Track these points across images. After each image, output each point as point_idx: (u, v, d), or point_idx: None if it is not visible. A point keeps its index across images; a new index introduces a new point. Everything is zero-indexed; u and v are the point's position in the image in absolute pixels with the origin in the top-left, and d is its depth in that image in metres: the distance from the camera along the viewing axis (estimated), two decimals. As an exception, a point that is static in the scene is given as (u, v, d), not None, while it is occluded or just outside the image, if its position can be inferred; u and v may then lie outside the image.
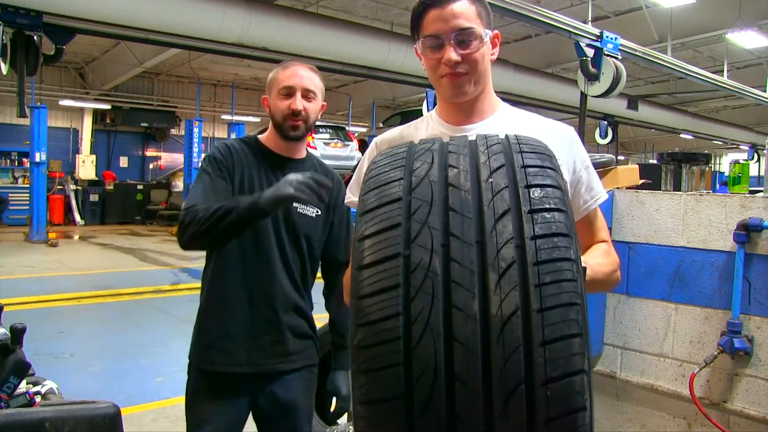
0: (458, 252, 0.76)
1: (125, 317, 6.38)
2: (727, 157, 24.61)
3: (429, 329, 0.73)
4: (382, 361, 0.74)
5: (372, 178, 0.86)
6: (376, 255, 0.78)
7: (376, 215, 0.81)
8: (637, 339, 2.74)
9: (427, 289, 0.74)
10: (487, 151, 0.85)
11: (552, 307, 0.73)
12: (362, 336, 0.76)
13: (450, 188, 0.81)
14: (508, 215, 0.78)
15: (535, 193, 0.80)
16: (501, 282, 0.74)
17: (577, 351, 0.73)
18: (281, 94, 1.80)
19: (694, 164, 10.34)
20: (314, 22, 8.99)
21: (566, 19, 7.08)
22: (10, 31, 6.19)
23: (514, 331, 0.72)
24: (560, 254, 0.76)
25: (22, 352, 1.54)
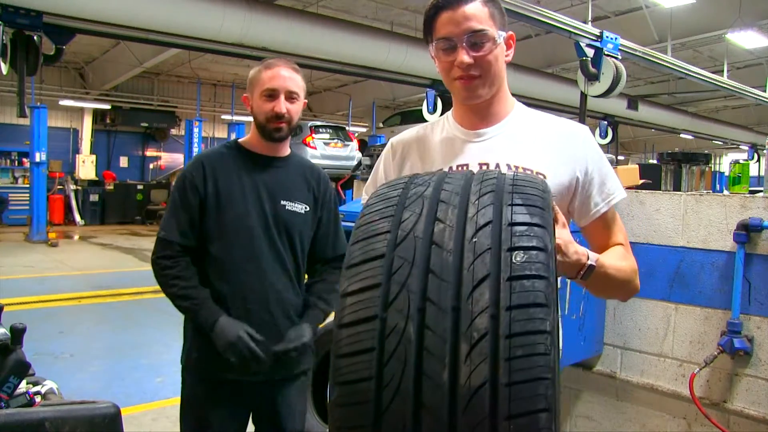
0: (433, 319, 0.77)
1: (125, 317, 6.38)
2: (727, 157, 24.61)
3: (399, 394, 0.74)
4: (355, 421, 0.77)
5: (361, 227, 0.87)
6: (355, 315, 0.80)
7: (359, 272, 0.82)
8: (637, 339, 2.74)
9: (399, 356, 0.75)
10: (477, 203, 0.85)
11: (520, 382, 0.73)
12: (338, 394, 0.78)
13: (433, 247, 0.82)
14: (486, 282, 0.78)
15: (517, 258, 0.79)
16: (472, 353, 0.74)
17: (543, 426, 0.72)
18: (264, 96, 1.80)
19: (694, 164, 10.34)
20: (314, 22, 8.99)
21: (566, 19, 7.08)
22: (10, 31, 6.19)
23: (481, 403, 0.72)
24: (534, 326, 0.75)
25: (22, 352, 1.54)
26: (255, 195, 1.82)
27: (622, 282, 1.29)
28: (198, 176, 1.81)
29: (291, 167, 1.90)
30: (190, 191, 1.80)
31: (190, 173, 1.83)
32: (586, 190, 1.29)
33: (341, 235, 1.99)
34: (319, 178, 1.95)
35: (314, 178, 1.93)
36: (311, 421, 3.11)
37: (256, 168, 1.85)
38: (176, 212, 1.80)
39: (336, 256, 1.97)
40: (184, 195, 1.80)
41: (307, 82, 8.80)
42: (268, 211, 1.82)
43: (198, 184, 1.80)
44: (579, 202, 1.29)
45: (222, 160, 1.85)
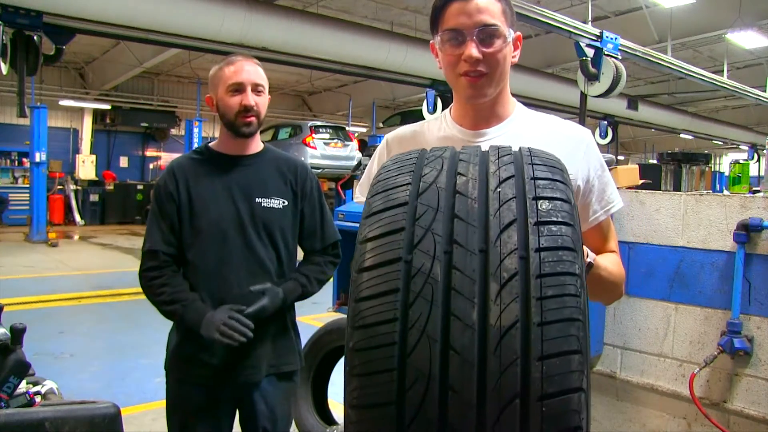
0: (461, 260, 0.75)
1: (125, 317, 6.38)
2: (727, 157, 24.61)
3: (425, 336, 0.72)
4: (376, 365, 0.73)
5: (380, 182, 0.85)
6: (377, 258, 0.77)
7: (381, 218, 0.80)
8: (637, 339, 2.74)
9: (426, 296, 0.73)
10: (497, 161, 0.85)
11: (552, 322, 0.71)
12: (357, 339, 0.75)
13: (457, 196, 0.80)
14: (513, 226, 0.76)
15: (543, 205, 0.78)
16: (502, 293, 0.72)
17: (575, 368, 0.71)
18: (230, 91, 1.78)
19: (694, 164, 10.35)
20: (314, 22, 8.99)
21: (566, 19, 7.08)
22: (10, 31, 6.19)
23: (512, 343, 0.70)
24: (564, 268, 0.74)
25: (22, 352, 1.54)
26: (227, 197, 1.81)
27: (611, 285, 1.27)
28: (171, 184, 1.81)
29: (264, 163, 1.89)
30: (166, 200, 1.81)
31: (163, 182, 1.83)
32: (586, 198, 1.27)
33: (328, 225, 1.97)
34: (296, 170, 1.92)
35: (291, 171, 1.91)
36: (311, 420, 3.11)
37: (227, 169, 1.84)
38: (157, 223, 1.81)
39: (326, 245, 1.96)
40: (162, 205, 1.81)
41: (307, 82, 8.85)
42: (243, 211, 1.80)
43: (172, 192, 1.81)
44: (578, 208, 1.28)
45: (193, 166, 1.85)
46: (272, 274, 1.84)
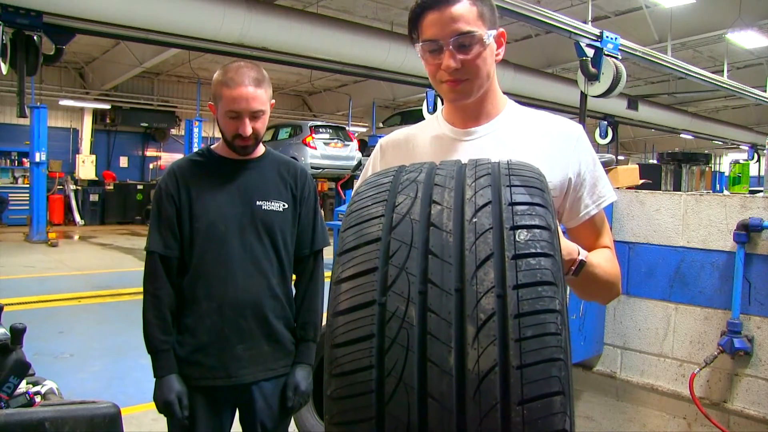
0: (436, 301, 0.73)
1: (125, 317, 6.38)
2: (727, 157, 24.62)
3: (402, 384, 0.70)
4: (355, 414, 0.72)
5: (353, 213, 0.83)
6: (351, 301, 0.75)
7: (354, 257, 0.78)
8: (637, 339, 2.74)
9: (401, 341, 0.71)
10: (474, 185, 0.82)
11: (532, 364, 0.69)
12: (335, 387, 0.74)
13: (431, 228, 0.78)
14: (490, 261, 0.74)
15: (521, 236, 0.76)
16: (479, 335, 0.70)
17: (557, 410, 0.69)
18: (228, 117, 1.77)
19: (694, 164, 10.36)
20: (314, 22, 8.99)
21: (566, 19, 7.08)
22: (10, 31, 6.19)
23: (491, 388, 0.69)
24: (543, 305, 0.72)
25: (22, 352, 1.54)
26: (228, 199, 1.81)
27: (607, 283, 1.26)
28: (172, 186, 1.82)
29: (265, 167, 1.89)
30: (166, 202, 1.81)
31: (164, 184, 1.84)
32: (578, 192, 1.26)
33: (319, 231, 1.98)
34: (296, 174, 1.93)
35: (291, 175, 1.92)
36: (311, 420, 3.11)
37: (228, 172, 1.84)
38: (157, 225, 1.82)
39: (315, 251, 1.97)
40: (162, 207, 1.82)
41: (307, 82, 8.85)
42: (243, 213, 1.81)
43: (173, 194, 1.81)
44: (569, 203, 1.27)
45: (194, 169, 1.85)
46: (271, 276, 1.84)
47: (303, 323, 1.95)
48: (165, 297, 1.79)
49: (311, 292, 1.96)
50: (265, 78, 1.81)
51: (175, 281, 1.82)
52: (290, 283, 1.95)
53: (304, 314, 1.95)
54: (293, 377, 1.89)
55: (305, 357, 1.94)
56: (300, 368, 1.91)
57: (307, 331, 1.94)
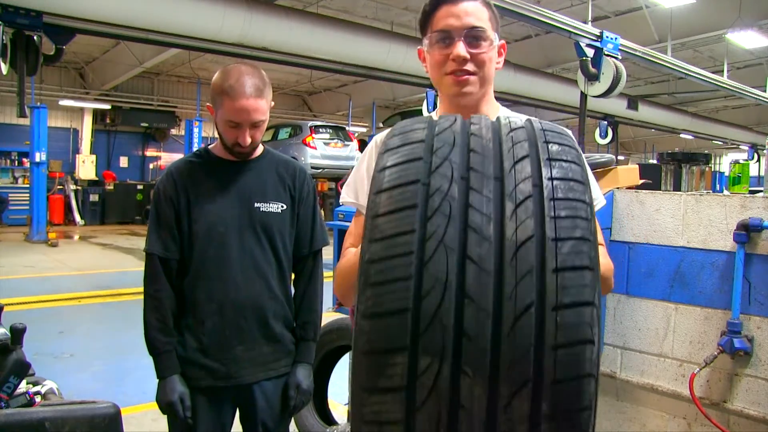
0: (477, 182, 0.78)
1: (125, 317, 6.37)
2: (727, 157, 24.61)
3: (443, 245, 0.73)
4: (393, 273, 0.74)
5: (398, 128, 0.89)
6: (397, 180, 0.79)
7: (399, 151, 0.83)
8: (637, 339, 2.73)
9: (444, 210, 0.75)
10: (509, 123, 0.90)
11: (566, 239, 0.74)
12: (374, 250, 0.76)
13: (472, 137, 0.84)
14: (526, 159, 0.81)
15: (553, 147, 0.83)
16: (517, 210, 0.75)
17: (588, 283, 0.73)
18: (228, 126, 1.76)
19: (694, 164, 10.35)
20: (314, 22, 8.99)
21: (566, 19, 7.08)
22: (10, 31, 6.19)
23: (528, 255, 0.73)
24: (576, 195, 0.78)
25: (22, 352, 1.54)
26: (226, 201, 1.81)
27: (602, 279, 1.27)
28: (170, 188, 1.81)
29: (264, 167, 1.88)
30: (165, 204, 1.81)
31: (162, 186, 1.83)
32: None
33: (318, 231, 1.97)
34: (294, 173, 1.92)
35: (289, 175, 1.91)
36: (311, 420, 3.11)
37: (226, 174, 1.84)
38: (156, 227, 1.81)
39: (313, 251, 1.96)
40: (160, 209, 1.81)
41: (307, 82, 8.85)
42: (241, 215, 1.81)
43: (171, 196, 1.80)
44: None
45: (191, 170, 1.84)
46: (270, 277, 1.84)
47: (303, 323, 1.95)
48: (165, 299, 1.79)
49: (310, 292, 1.96)
50: (266, 84, 1.79)
51: (174, 283, 1.82)
52: (289, 283, 1.95)
53: (304, 314, 1.95)
54: (294, 377, 1.90)
55: (306, 356, 1.94)
56: (301, 367, 1.92)
57: (307, 330, 1.94)
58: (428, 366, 0.71)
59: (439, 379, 0.71)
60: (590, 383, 0.73)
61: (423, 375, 0.72)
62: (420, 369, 0.72)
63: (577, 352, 0.72)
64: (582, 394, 0.72)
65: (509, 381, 0.71)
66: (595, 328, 0.73)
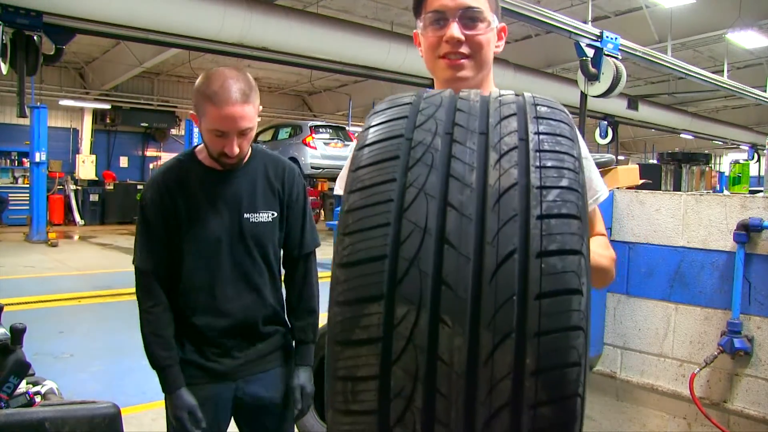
0: (461, 136, 0.77)
1: (125, 317, 6.35)
2: (727, 157, 24.62)
3: (423, 193, 0.72)
4: (371, 221, 0.72)
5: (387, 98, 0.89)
6: (380, 136, 0.79)
7: (385, 113, 0.82)
8: (637, 339, 2.73)
9: (426, 160, 0.74)
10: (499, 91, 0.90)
11: (552, 187, 0.72)
12: (353, 200, 0.74)
13: (459, 99, 0.84)
14: (513, 117, 0.80)
15: (542, 109, 0.82)
16: (501, 160, 0.74)
17: (575, 231, 0.71)
18: (213, 135, 1.65)
19: (694, 164, 10.35)
20: (314, 22, 8.99)
21: (566, 19, 7.09)
22: (10, 31, 6.19)
23: (511, 202, 0.71)
24: (563, 149, 0.76)
25: (22, 352, 1.54)
26: (215, 213, 1.74)
27: (603, 269, 1.25)
28: (158, 199, 1.74)
29: (252, 174, 1.80)
30: (153, 216, 1.74)
31: (150, 196, 1.75)
32: None
33: (309, 233, 1.92)
34: (283, 176, 1.85)
35: (278, 179, 1.83)
36: (311, 420, 3.11)
37: (214, 183, 1.75)
38: (145, 240, 1.76)
39: (304, 254, 1.92)
40: (148, 221, 1.75)
41: (307, 82, 8.86)
42: (232, 228, 1.75)
43: (159, 207, 1.74)
44: None
45: (179, 179, 1.76)
46: (262, 287, 1.82)
47: (301, 326, 1.93)
48: (162, 313, 1.76)
49: (306, 294, 1.93)
50: (253, 87, 1.68)
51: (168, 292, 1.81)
52: (281, 284, 1.93)
53: (302, 317, 1.93)
54: (297, 380, 1.89)
55: (306, 359, 1.93)
56: (303, 370, 1.91)
57: (306, 333, 1.93)
58: (405, 315, 0.68)
59: (416, 329, 0.68)
60: (578, 337, 0.69)
61: (399, 325, 0.69)
62: (396, 318, 0.69)
63: (562, 301, 0.68)
64: (568, 349, 0.68)
65: (491, 332, 0.67)
66: (584, 277, 0.70)
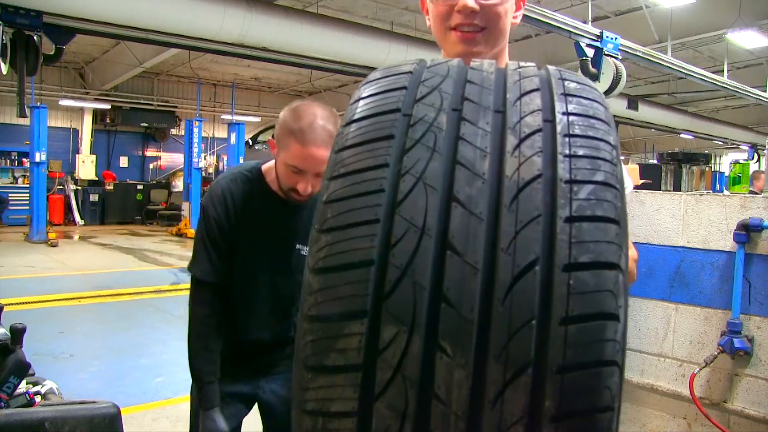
0: (472, 114, 0.62)
1: (125, 317, 6.38)
2: (727, 157, 24.61)
3: (422, 183, 0.58)
4: (355, 216, 0.58)
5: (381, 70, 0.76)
6: (372, 110, 0.64)
7: (379, 82, 0.68)
8: (637, 339, 2.73)
9: (427, 142, 0.60)
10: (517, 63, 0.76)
11: (584, 182, 0.58)
12: (334, 189, 0.61)
13: (470, 70, 0.69)
14: (536, 92, 0.65)
15: (570, 85, 0.67)
16: (521, 145, 0.60)
17: (612, 239, 0.56)
18: (290, 170, 1.64)
19: (694, 164, 10.36)
20: (314, 22, 8.99)
21: (566, 19, 7.09)
22: (10, 31, 6.19)
23: (533, 199, 0.57)
24: (597, 134, 0.62)
25: (22, 352, 1.54)
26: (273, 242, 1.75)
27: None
28: (222, 213, 1.72)
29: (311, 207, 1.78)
30: (216, 229, 1.72)
31: (214, 209, 1.72)
32: None
33: None
34: None
35: None
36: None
37: (277, 210, 1.75)
38: (208, 250, 1.72)
39: None
40: (212, 232, 1.72)
41: (307, 82, 8.90)
42: (282, 258, 1.76)
43: (223, 222, 1.72)
44: None
45: (244, 198, 1.74)
46: (294, 313, 1.83)
47: None
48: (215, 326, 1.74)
49: None
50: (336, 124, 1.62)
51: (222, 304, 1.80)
52: None
53: None
54: None
55: None
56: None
57: None
58: (393, 338, 0.55)
59: (406, 357, 0.54)
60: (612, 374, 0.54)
61: (386, 350, 0.55)
62: (382, 342, 0.55)
63: (594, 328, 0.54)
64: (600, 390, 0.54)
65: (501, 364, 0.53)
66: (621, 299, 0.56)
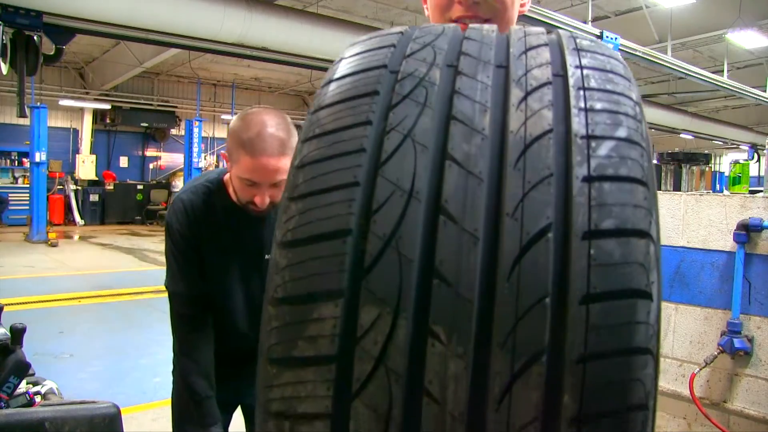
0: (469, 67, 0.55)
1: (125, 317, 6.38)
2: (727, 157, 24.62)
3: (410, 140, 0.50)
4: (330, 179, 0.50)
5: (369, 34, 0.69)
6: (355, 68, 0.57)
7: (366, 42, 0.62)
8: (637, 339, 2.74)
9: (417, 97, 0.52)
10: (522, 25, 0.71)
11: (604, 137, 0.49)
12: (308, 151, 0.53)
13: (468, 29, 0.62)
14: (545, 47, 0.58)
15: (583, 42, 0.60)
16: (528, 99, 0.52)
17: (640, 203, 0.47)
18: (244, 183, 1.53)
19: (694, 164, 10.36)
20: (314, 22, 8.99)
21: (566, 19, 7.09)
22: (10, 31, 6.20)
23: (543, 156, 0.48)
24: (617, 88, 0.54)
25: (22, 352, 1.54)
26: (239, 254, 1.71)
27: None
28: (185, 227, 1.66)
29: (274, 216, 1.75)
30: (184, 243, 1.67)
31: (178, 223, 1.66)
32: None
33: None
34: None
35: None
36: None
37: (241, 222, 1.67)
38: (180, 266, 1.68)
39: None
40: (181, 247, 1.68)
41: (307, 82, 8.91)
42: (251, 268, 1.71)
43: (188, 236, 1.67)
44: None
45: (207, 212, 1.68)
46: None
47: None
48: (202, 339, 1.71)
49: None
50: (292, 135, 1.52)
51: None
52: None
53: None
54: None
55: None
56: None
57: None
58: (374, 322, 0.45)
59: (390, 345, 0.45)
60: (645, 364, 0.44)
61: (365, 337, 0.45)
62: (361, 327, 0.46)
63: (622, 308, 0.44)
64: (630, 382, 0.44)
65: (508, 353, 0.44)
66: (653, 273, 0.46)
